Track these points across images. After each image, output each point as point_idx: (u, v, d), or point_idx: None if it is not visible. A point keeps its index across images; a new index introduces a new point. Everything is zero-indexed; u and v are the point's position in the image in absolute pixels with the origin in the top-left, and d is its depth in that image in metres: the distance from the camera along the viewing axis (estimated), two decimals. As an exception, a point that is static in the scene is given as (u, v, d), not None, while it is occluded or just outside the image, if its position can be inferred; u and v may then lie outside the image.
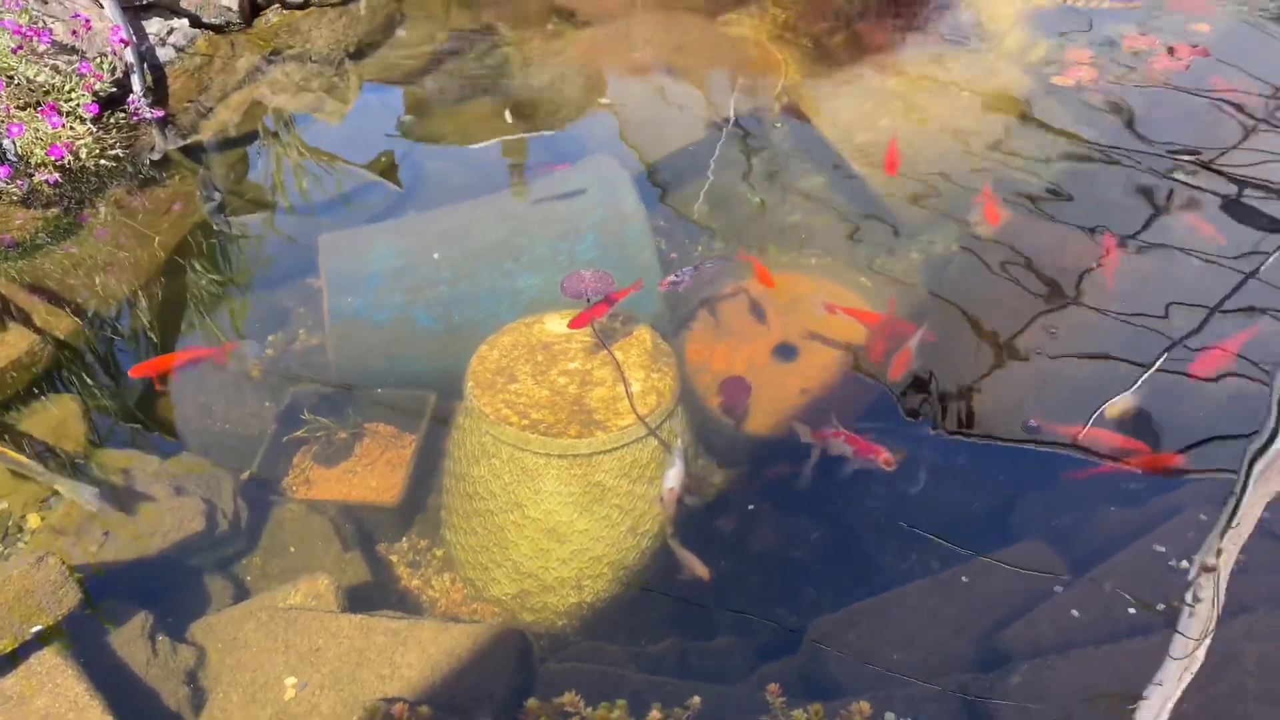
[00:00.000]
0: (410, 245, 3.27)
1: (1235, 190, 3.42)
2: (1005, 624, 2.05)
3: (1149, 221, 3.35)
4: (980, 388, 2.86)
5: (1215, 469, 2.44)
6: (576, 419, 2.62)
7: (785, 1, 5.08)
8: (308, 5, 4.96)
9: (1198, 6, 4.64)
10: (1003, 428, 2.72)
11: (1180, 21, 4.51)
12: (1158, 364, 2.70)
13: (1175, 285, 3.10)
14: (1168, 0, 4.73)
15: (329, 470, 2.87)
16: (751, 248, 3.50)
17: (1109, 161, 3.67)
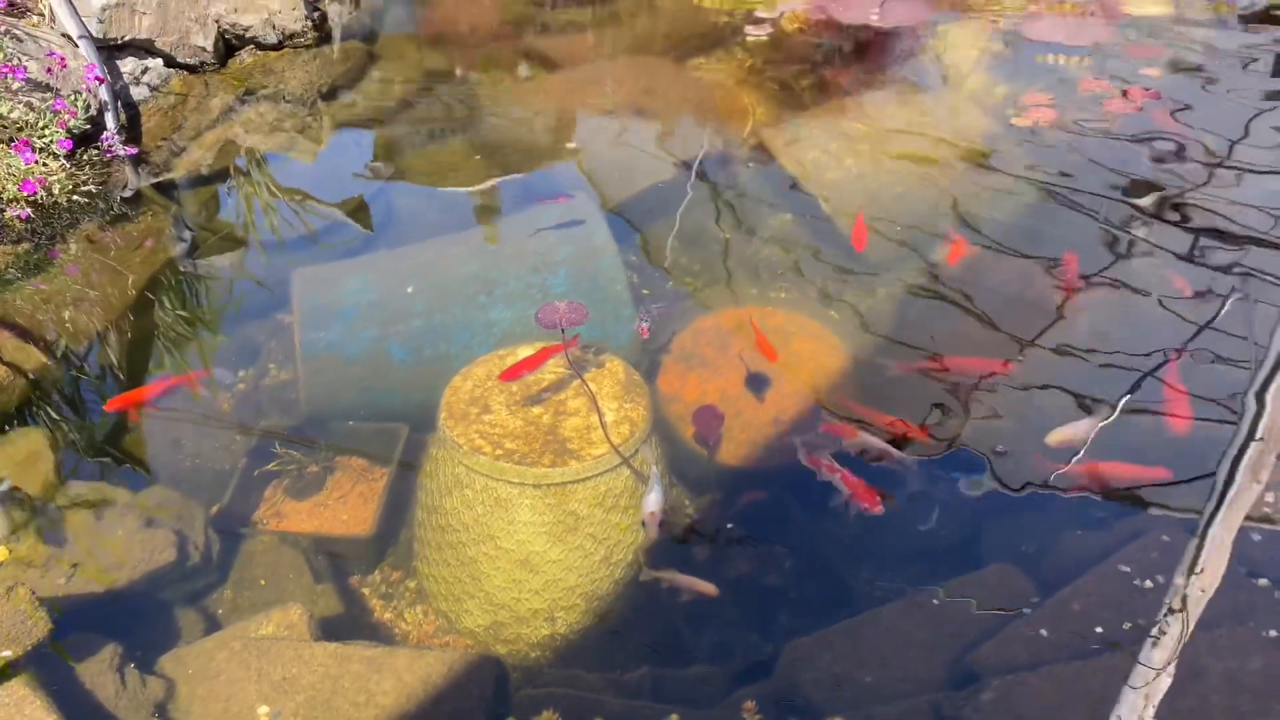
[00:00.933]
0: (384, 280, 3.29)
1: (1191, 237, 3.53)
2: (977, 644, 2.08)
3: (1111, 261, 3.45)
4: (947, 418, 2.90)
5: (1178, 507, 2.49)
6: (550, 448, 2.64)
7: (752, 47, 5.20)
8: (281, 47, 5.02)
9: (1149, 52, 4.80)
10: (971, 456, 2.76)
11: (1133, 66, 4.67)
12: (1119, 407, 2.75)
13: (1137, 322, 3.17)
14: (1122, 47, 4.89)
15: (300, 503, 2.86)
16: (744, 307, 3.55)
17: (1069, 201, 3.77)
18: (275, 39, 4.95)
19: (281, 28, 4.91)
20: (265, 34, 4.90)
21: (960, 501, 2.66)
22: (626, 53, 5.36)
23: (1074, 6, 5.27)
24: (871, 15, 5.27)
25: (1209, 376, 2.86)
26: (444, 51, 5.48)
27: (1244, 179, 3.81)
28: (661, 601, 2.56)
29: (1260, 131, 4.11)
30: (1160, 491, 2.53)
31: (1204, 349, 2.97)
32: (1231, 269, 3.30)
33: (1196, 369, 2.88)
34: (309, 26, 5.06)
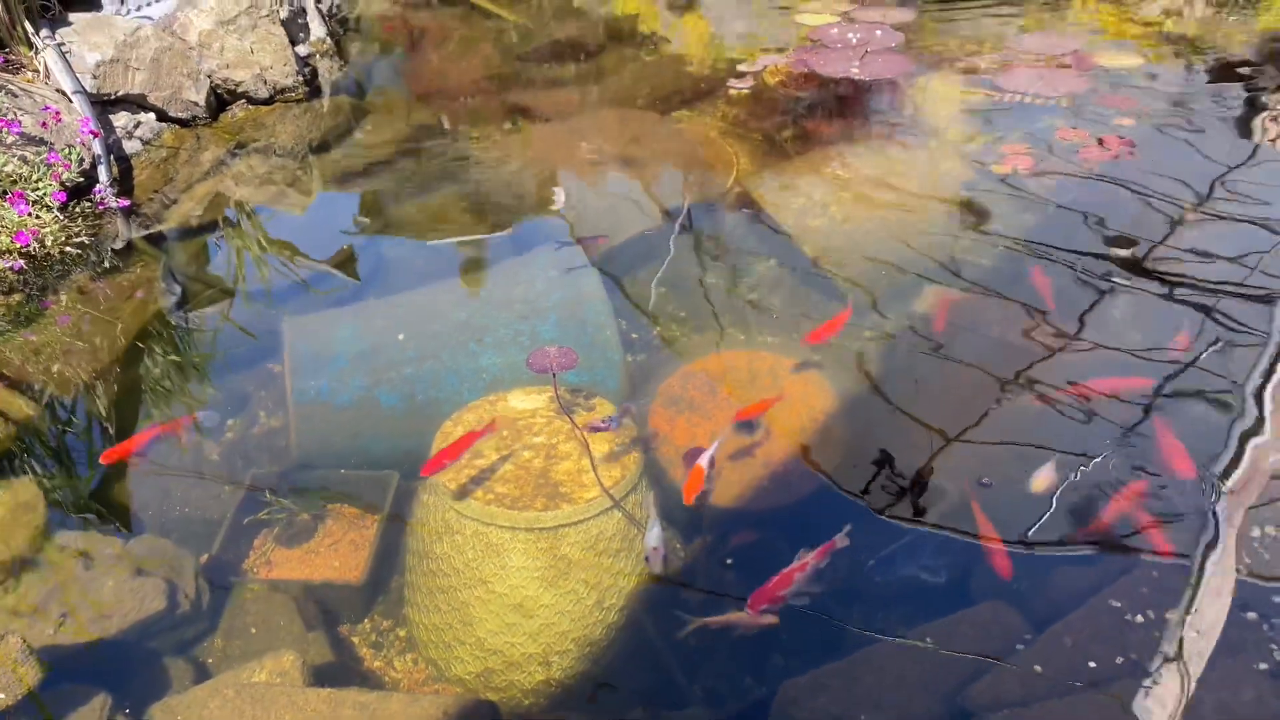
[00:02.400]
0: (374, 328, 3.32)
1: (1167, 286, 3.60)
2: (970, 682, 2.08)
3: (1091, 305, 3.51)
4: (931, 463, 2.93)
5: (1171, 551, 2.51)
6: (542, 492, 2.65)
7: (735, 100, 5.30)
8: (272, 101, 5.09)
9: (1123, 102, 4.92)
10: (954, 498, 2.78)
11: (1107, 116, 4.79)
12: (1102, 456, 2.78)
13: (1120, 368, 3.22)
14: (1096, 97, 5.02)
15: (291, 551, 2.85)
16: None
17: (1047, 247, 3.84)
18: (266, 94, 5.02)
19: (273, 83, 4.99)
20: (257, 89, 4.97)
21: (951, 539, 2.68)
22: (611, 105, 5.45)
23: (1049, 59, 5.41)
24: (852, 69, 5.38)
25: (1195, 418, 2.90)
26: (432, 106, 5.56)
27: (1216, 228, 3.89)
28: (655, 645, 2.56)
29: (1229, 181, 4.21)
30: (1149, 529, 2.56)
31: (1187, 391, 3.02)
32: (1209, 316, 3.36)
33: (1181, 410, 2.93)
34: (300, 82, 5.14)
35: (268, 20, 4.88)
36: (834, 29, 5.95)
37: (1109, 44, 5.81)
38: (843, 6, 6.36)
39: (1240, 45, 5.80)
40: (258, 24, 4.86)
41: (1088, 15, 6.34)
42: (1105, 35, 5.96)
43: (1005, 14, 6.39)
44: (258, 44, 4.88)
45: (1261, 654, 2.12)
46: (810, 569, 2.51)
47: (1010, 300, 3.54)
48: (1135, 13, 6.35)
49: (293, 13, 5.20)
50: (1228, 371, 3.09)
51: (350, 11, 6.52)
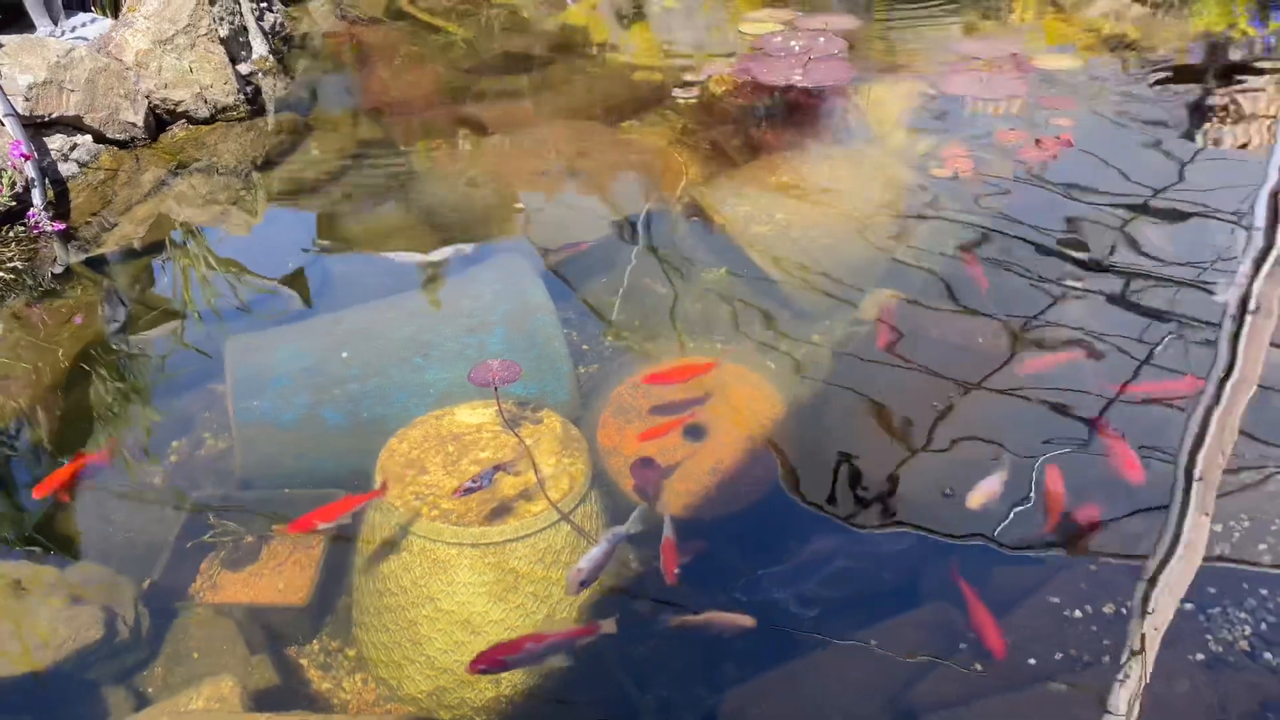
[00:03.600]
0: (318, 345, 3.28)
1: (1112, 285, 3.65)
2: (912, 683, 2.10)
3: (1046, 307, 3.56)
4: (882, 469, 2.95)
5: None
6: (488, 507, 2.63)
7: (682, 109, 5.32)
8: (214, 120, 5.03)
9: (1061, 103, 5.01)
10: (909, 505, 2.80)
11: (1046, 117, 4.87)
12: (1040, 462, 2.80)
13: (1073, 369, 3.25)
14: (1035, 99, 5.10)
15: (236, 574, 2.81)
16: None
17: (991, 245, 3.90)
18: (208, 113, 4.96)
19: (213, 102, 4.94)
20: (197, 108, 4.92)
21: (899, 545, 2.70)
22: (560, 117, 5.45)
23: (989, 63, 5.49)
24: (794, 76, 5.43)
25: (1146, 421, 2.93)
26: (380, 121, 5.52)
27: (1158, 225, 3.97)
28: (607, 659, 2.55)
29: (1168, 177, 4.30)
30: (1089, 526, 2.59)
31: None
32: (1164, 315, 3.40)
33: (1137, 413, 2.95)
34: (242, 100, 5.09)
35: (206, 39, 4.83)
36: (777, 37, 5.99)
37: (1048, 47, 5.91)
38: (786, 15, 6.41)
39: (1176, 46, 5.93)
40: (196, 43, 4.81)
41: (1028, 19, 6.44)
42: (1045, 39, 6.06)
43: (946, 20, 6.48)
44: (197, 63, 4.83)
45: (1198, 645, 2.16)
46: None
47: (952, 302, 3.58)
48: (1074, 16, 6.46)
49: (233, 31, 5.15)
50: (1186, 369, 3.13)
51: (295, 29, 6.47)
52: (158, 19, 4.75)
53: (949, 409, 3.08)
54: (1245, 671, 2.10)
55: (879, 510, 2.80)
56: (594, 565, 2.47)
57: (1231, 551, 2.43)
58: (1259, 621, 2.24)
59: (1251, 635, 2.20)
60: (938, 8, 6.68)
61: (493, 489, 2.67)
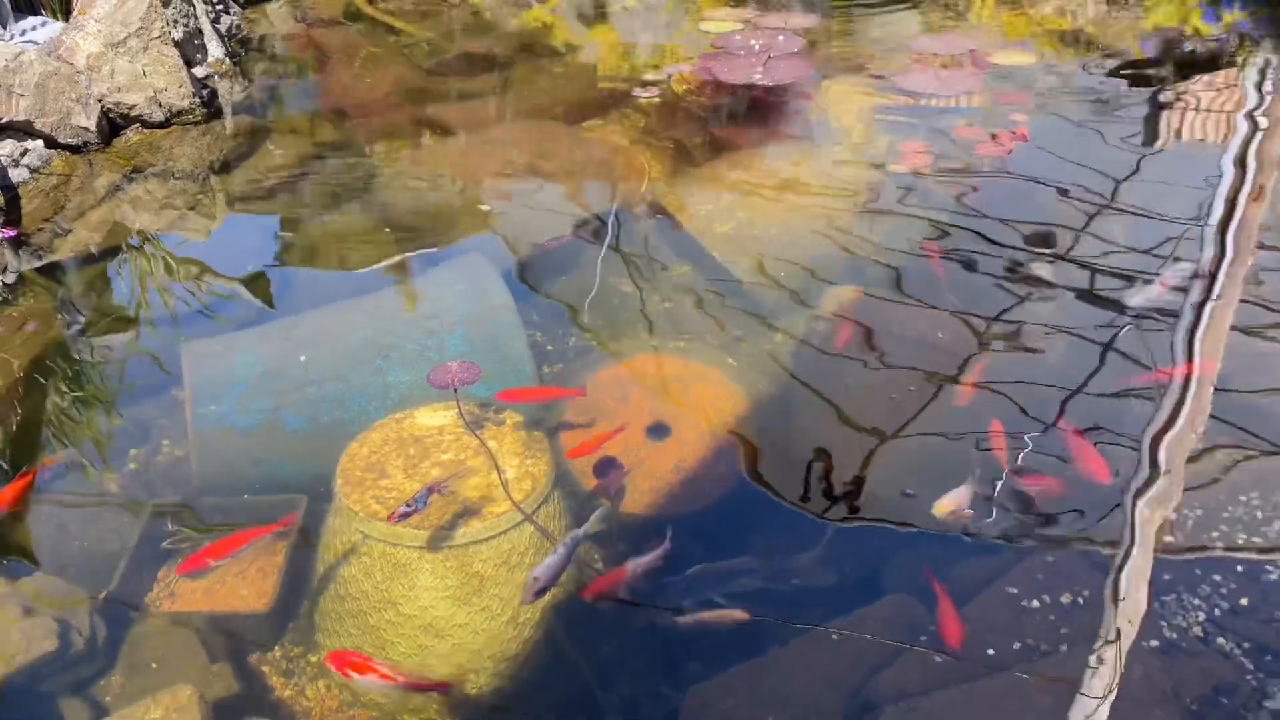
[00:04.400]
0: (277, 350, 3.26)
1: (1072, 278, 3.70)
2: (873, 674, 2.11)
3: (1007, 304, 3.59)
4: (845, 463, 2.97)
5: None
6: (450, 509, 2.62)
7: (644, 108, 5.32)
8: (169, 124, 4.97)
9: (1018, 99, 5.07)
10: (871, 499, 2.82)
11: (1003, 112, 4.92)
12: (1006, 473, 2.81)
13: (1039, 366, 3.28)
14: (992, 95, 5.16)
15: (196, 582, 2.77)
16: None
17: (950, 240, 3.93)
18: (162, 117, 4.90)
19: (168, 105, 4.88)
20: (151, 112, 4.86)
21: (861, 538, 2.72)
22: (522, 118, 5.44)
23: (947, 60, 5.54)
24: (755, 75, 5.45)
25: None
26: (340, 124, 5.48)
27: (1114, 219, 4.02)
28: (572, 658, 2.55)
29: (1124, 170, 4.36)
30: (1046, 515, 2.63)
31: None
32: (1126, 308, 3.44)
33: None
34: (197, 104, 5.03)
35: (160, 42, 4.77)
36: (737, 36, 6.02)
37: (1005, 43, 5.97)
38: (746, 14, 6.44)
39: (1131, 41, 6.01)
40: (149, 46, 4.75)
41: (985, 17, 6.51)
42: (1002, 35, 6.13)
43: (905, 18, 6.53)
44: (150, 66, 4.77)
45: (1153, 632, 2.19)
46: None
47: (912, 297, 3.61)
48: (1031, 13, 6.54)
49: (188, 34, 5.09)
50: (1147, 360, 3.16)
51: (252, 32, 6.41)
52: (109, 22, 4.69)
53: (919, 405, 3.10)
54: (1199, 657, 2.13)
55: (842, 504, 2.82)
56: (551, 572, 2.46)
57: (1184, 540, 2.47)
58: (1212, 608, 2.27)
59: (1205, 621, 2.24)
60: (896, 5, 6.73)
61: (455, 493, 2.66)
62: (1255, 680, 2.10)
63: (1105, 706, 1.99)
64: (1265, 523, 2.50)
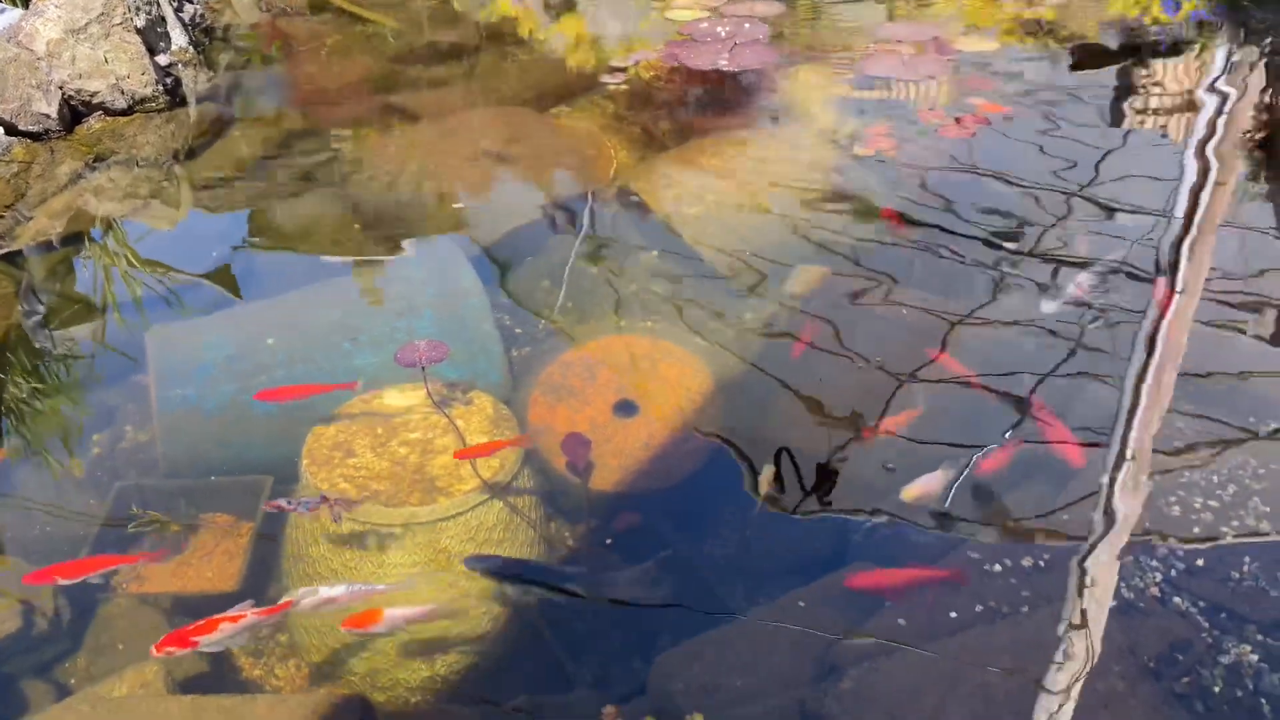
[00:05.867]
0: (244, 334, 3.24)
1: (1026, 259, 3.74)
2: (837, 640, 2.14)
3: (954, 278, 3.63)
4: (813, 440, 2.99)
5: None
6: (419, 487, 2.63)
7: (612, 95, 5.33)
8: (132, 112, 4.91)
9: (981, 84, 5.12)
10: (842, 475, 2.85)
11: (966, 96, 4.97)
12: (973, 460, 2.82)
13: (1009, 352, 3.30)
14: (956, 79, 5.20)
15: (162, 565, 2.76)
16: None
17: (914, 219, 3.98)
18: (125, 104, 4.85)
19: (131, 92, 4.82)
20: (114, 100, 4.80)
21: (827, 510, 2.75)
22: (491, 105, 5.43)
23: (912, 45, 5.58)
24: (721, 61, 5.47)
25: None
26: (307, 112, 5.45)
27: (1075, 203, 4.08)
28: (542, 634, 2.56)
29: (1084, 156, 4.42)
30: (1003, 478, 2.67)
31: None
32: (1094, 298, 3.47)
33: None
34: (161, 91, 4.98)
35: (122, 28, 4.72)
36: (704, 23, 6.03)
37: (970, 30, 6.02)
38: (713, 2, 6.45)
39: (1093, 28, 6.08)
40: (111, 32, 4.70)
41: (950, 4, 6.56)
42: (967, 22, 6.18)
43: (870, 5, 6.57)
44: (112, 53, 4.71)
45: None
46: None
47: (877, 278, 3.65)
48: (995, 1, 6.60)
49: (150, 21, 5.03)
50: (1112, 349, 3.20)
51: (217, 21, 6.35)
52: (70, 8, 4.63)
53: (886, 381, 3.13)
54: (1154, 616, 2.18)
55: (810, 478, 2.85)
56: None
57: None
58: (1169, 568, 2.32)
59: (1162, 582, 2.28)
60: (862, -6, 6.77)
61: (422, 470, 2.67)
62: (1210, 638, 2.15)
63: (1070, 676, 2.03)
64: (1220, 487, 2.56)
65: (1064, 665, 2.05)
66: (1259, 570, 2.29)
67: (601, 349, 3.40)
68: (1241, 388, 3.01)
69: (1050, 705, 1.98)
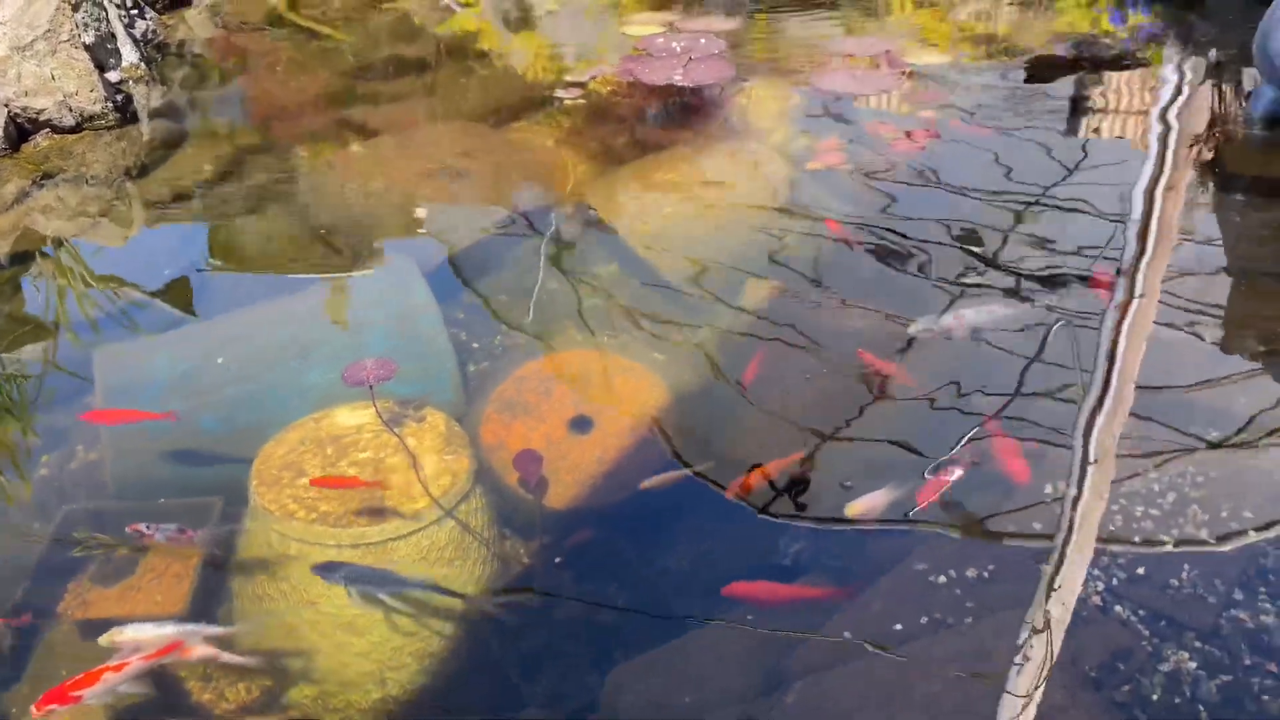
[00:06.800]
0: (193, 352, 3.22)
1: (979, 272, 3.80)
2: (787, 653, 2.16)
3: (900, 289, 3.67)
4: (765, 453, 3.01)
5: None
6: (368, 507, 2.61)
7: (569, 109, 5.35)
8: (80, 129, 4.87)
9: (931, 97, 5.20)
10: (794, 489, 2.87)
11: (917, 110, 5.05)
12: (926, 473, 2.85)
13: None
14: (907, 93, 5.28)
15: (109, 590, 2.72)
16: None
17: (866, 237, 4.02)
18: (73, 122, 4.80)
19: (79, 110, 4.77)
20: (61, 117, 4.75)
21: (778, 523, 2.76)
22: (447, 119, 5.43)
23: (864, 60, 5.66)
24: (676, 76, 5.51)
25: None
26: (263, 128, 5.42)
27: (1025, 213, 4.14)
28: (495, 653, 2.56)
29: (1035, 166, 4.49)
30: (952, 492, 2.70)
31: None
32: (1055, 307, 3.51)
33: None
34: (110, 109, 4.93)
35: (69, 45, 4.67)
36: (660, 38, 6.08)
37: (922, 44, 6.11)
38: (669, 18, 6.51)
39: (1043, 42, 6.19)
40: (58, 49, 4.65)
41: (903, 20, 6.66)
42: (919, 37, 6.27)
43: (824, 20, 6.65)
44: (59, 70, 4.67)
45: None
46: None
47: (828, 290, 3.69)
48: (948, 15, 6.70)
49: (100, 38, 4.99)
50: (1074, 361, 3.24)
51: (170, 37, 6.30)
52: (15, 24, 4.58)
53: (841, 395, 3.15)
54: (1096, 625, 2.21)
55: (761, 492, 2.86)
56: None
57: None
58: (1110, 577, 2.36)
59: (1103, 591, 2.32)
60: (816, 8, 6.85)
61: (372, 489, 2.66)
62: (1150, 646, 2.19)
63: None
64: (1161, 495, 2.61)
65: (1018, 673, 2.08)
66: (1198, 578, 2.33)
67: (557, 364, 3.41)
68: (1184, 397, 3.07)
69: (1001, 715, 2.01)
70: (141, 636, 2.38)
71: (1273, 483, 2.66)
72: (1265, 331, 3.37)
